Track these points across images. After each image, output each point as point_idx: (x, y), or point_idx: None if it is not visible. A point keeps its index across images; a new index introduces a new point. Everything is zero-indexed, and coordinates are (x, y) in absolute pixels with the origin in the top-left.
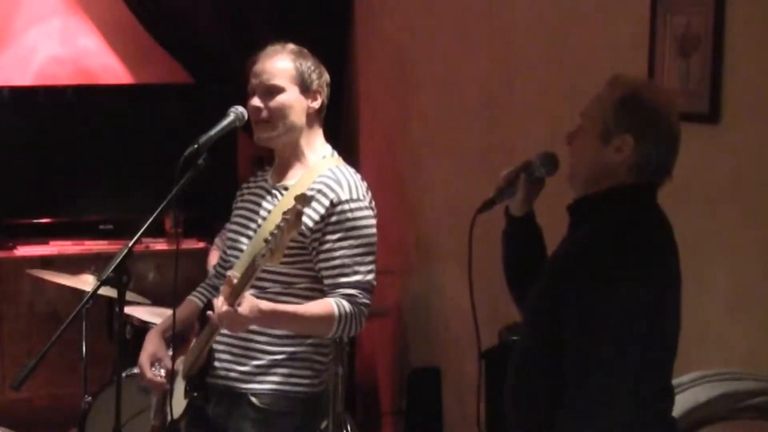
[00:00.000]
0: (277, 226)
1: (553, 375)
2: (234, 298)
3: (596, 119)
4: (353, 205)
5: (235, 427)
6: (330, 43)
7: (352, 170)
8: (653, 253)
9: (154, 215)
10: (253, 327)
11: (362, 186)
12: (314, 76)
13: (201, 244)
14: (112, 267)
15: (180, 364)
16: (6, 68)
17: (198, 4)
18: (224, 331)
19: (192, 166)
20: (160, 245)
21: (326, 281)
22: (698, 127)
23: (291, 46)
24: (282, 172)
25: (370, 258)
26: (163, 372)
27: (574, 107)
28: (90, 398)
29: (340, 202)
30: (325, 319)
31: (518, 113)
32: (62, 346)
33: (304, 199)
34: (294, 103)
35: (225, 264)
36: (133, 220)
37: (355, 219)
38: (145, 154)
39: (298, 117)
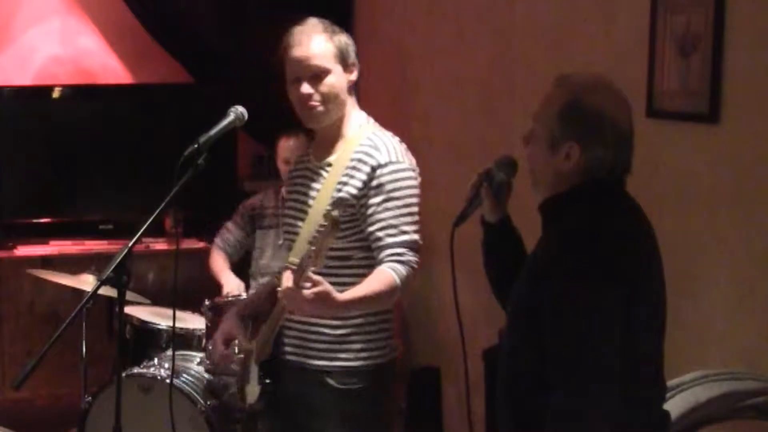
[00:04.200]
0: (317, 231)
1: (540, 373)
2: (299, 277)
3: (543, 127)
4: (393, 167)
5: (316, 408)
6: None
7: (389, 134)
8: (617, 251)
9: (154, 215)
10: None
11: (401, 148)
12: (350, 48)
13: (201, 244)
14: (112, 267)
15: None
16: (6, 68)
17: (198, 4)
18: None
19: (192, 166)
20: (160, 245)
21: (374, 244)
22: (698, 127)
23: (318, 23)
24: (323, 149)
25: (414, 218)
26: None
27: None
28: (90, 398)
29: (380, 166)
30: (391, 291)
31: (518, 113)
32: (62, 346)
33: (340, 204)
34: (341, 82)
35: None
36: (133, 220)
37: (396, 180)
38: (144, 154)
39: (344, 95)
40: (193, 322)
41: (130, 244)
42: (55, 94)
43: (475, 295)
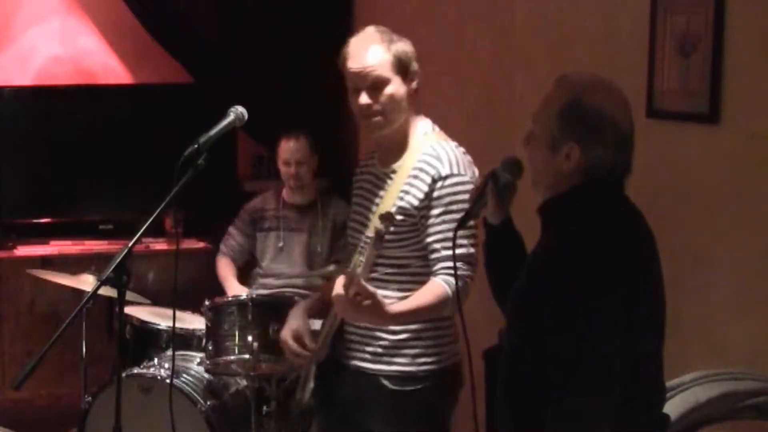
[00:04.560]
0: (365, 242)
1: (540, 373)
2: (348, 284)
3: (543, 128)
4: (454, 180)
5: (369, 408)
6: (330, 44)
7: (453, 144)
8: (617, 252)
9: (154, 215)
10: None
11: (463, 160)
12: (409, 56)
13: (201, 244)
14: (112, 267)
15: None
16: (6, 68)
17: (198, 4)
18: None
19: (192, 166)
20: (160, 245)
21: (431, 255)
22: (698, 127)
23: (375, 32)
24: (388, 156)
25: (471, 231)
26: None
27: None
28: (90, 398)
29: (441, 178)
30: (441, 304)
31: (518, 113)
32: (62, 346)
33: (387, 219)
34: (400, 91)
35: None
36: (133, 220)
37: (455, 193)
38: (144, 154)
39: (405, 103)
40: (193, 322)
41: (130, 244)
42: (55, 94)
43: (477, 295)
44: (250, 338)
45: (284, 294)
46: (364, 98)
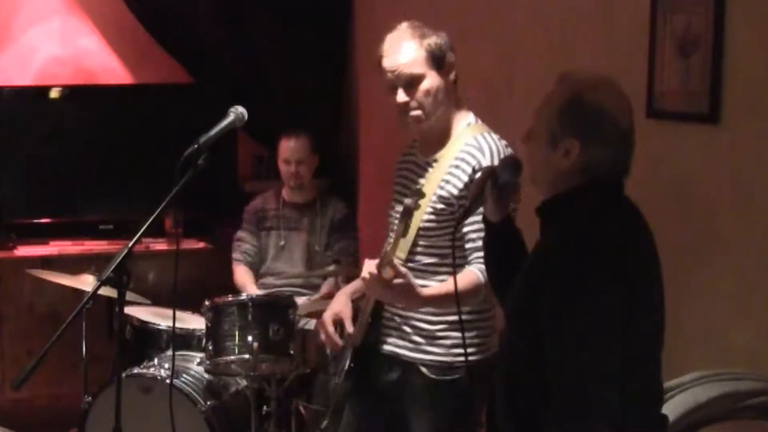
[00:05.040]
0: (395, 219)
1: (539, 373)
2: (380, 264)
3: (544, 124)
4: None
5: (404, 394)
6: (330, 43)
7: (496, 137)
8: (616, 252)
9: (154, 215)
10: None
11: (505, 153)
12: (443, 49)
13: (201, 244)
14: (112, 267)
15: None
16: (6, 68)
17: (198, 4)
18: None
19: (192, 166)
20: (160, 245)
21: (467, 244)
22: (698, 127)
23: (407, 28)
24: (430, 146)
25: None
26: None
27: None
28: (90, 398)
29: (481, 169)
30: (474, 291)
31: (518, 113)
32: (62, 346)
33: (416, 193)
34: (436, 85)
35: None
36: (133, 220)
37: None
38: (144, 154)
39: (442, 96)
40: (193, 322)
41: (130, 244)
42: (55, 94)
43: None
44: (250, 338)
45: (284, 294)
46: (400, 96)
